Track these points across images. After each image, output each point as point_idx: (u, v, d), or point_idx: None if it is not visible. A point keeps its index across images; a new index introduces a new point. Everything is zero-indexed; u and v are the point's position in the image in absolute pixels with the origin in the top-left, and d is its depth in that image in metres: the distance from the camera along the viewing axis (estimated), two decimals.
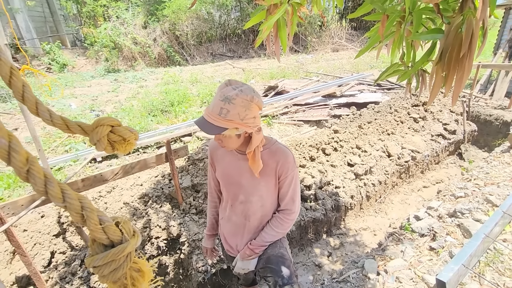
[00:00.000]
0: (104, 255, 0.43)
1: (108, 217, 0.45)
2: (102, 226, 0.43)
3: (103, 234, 0.43)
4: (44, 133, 4.86)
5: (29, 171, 0.38)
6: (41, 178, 0.38)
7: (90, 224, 0.42)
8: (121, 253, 0.44)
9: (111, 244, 0.45)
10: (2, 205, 1.81)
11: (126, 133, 0.62)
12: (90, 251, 0.45)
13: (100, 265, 0.43)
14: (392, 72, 1.39)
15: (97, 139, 0.58)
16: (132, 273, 0.48)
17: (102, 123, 0.59)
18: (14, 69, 0.42)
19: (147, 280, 0.51)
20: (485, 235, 1.82)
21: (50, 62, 9.50)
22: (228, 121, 1.04)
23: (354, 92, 6.51)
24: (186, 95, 6.53)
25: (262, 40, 1.62)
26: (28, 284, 2.12)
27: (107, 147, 0.61)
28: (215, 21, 13.01)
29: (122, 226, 0.46)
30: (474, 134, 4.91)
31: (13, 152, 0.36)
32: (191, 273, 2.34)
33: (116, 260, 0.44)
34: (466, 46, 0.94)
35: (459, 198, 2.85)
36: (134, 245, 0.46)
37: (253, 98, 1.06)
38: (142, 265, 0.50)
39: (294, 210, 1.35)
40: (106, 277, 0.44)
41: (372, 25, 1.35)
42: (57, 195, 0.39)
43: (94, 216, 0.42)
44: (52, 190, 0.39)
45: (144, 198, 2.87)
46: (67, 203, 0.40)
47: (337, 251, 2.92)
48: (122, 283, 0.47)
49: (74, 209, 0.41)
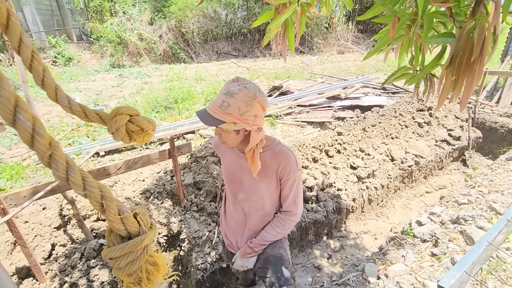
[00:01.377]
0: (121, 247, 0.43)
1: (127, 208, 0.44)
2: (121, 216, 0.42)
3: (121, 225, 0.43)
4: (48, 125, 4.88)
5: (51, 156, 0.37)
6: (63, 164, 0.37)
7: (109, 214, 0.41)
8: (139, 245, 0.43)
9: (128, 235, 0.44)
10: (5, 196, 1.82)
11: (144, 123, 0.61)
12: (107, 242, 0.44)
13: (117, 256, 0.43)
14: (400, 75, 1.38)
15: (115, 128, 0.57)
16: (147, 267, 0.47)
17: (121, 112, 0.58)
18: (36, 53, 0.41)
19: (162, 274, 0.50)
20: (489, 242, 1.80)
21: (56, 55, 9.54)
22: (227, 114, 1.05)
23: (359, 94, 6.49)
24: (190, 93, 6.54)
25: (269, 39, 1.61)
26: (28, 275, 2.13)
27: (125, 137, 0.60)
28: (221, 20, 13.02)
29: (140, 217, 0.45)
30: (479, 141, 4.87)
31: (37, 136, 0.35)
32: (190, 271, 2.34)
33: (133, 252, 0.43)
34: (477, 51, 0.93)
35: (462, 205, 2.83)
36: (151, 237, 0.45)
37: (256, 96, 1.06)
38: (158, 258, 0.49)
39: (296, 212, 1.34)
40: (122, 269, 0.44)
41: (379, 28, 1.35)
42: (78, 182, 0.38)
43: (114, 206, 0.42)
44: (74, 177, 0.38)
45: (146, 193, 2.88)
46: (87, 191, 0.39)
47: (337, 253, 2.90)
48: (137, 276, 0.46)
49: (94, 197, 0.40)
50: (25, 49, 0.39)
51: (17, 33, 0.38)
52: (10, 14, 0.37)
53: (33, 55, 0.41)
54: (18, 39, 0.38)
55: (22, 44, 0.39)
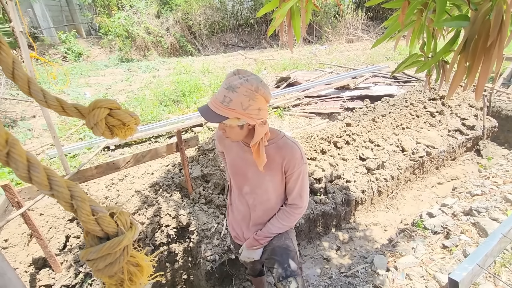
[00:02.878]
0: (98, 248, 0.40)
1: (102, 208, 0.42)
2: (95, 217, 0.40)
3: (97, 225, 0.40)
4: (59, 120, 4.98)
5: (9, 154, 0.34)
6: (23, 162, 0.34)
7: (81, 215, 0.39)
8: (117, 246, 0.41)
9: (106, 236, 0.42)
10: (19, 189, 1.87)
11: (125, 117, 0.58)
12: (85, 243, 0.43)
13: (94, 258, 0.40)
14: (411, 63, 1.33)
15: (94, 122, 0.53)
16: (129, 268, 0.45)
17: (99, 105, 0.54)
18: (3, 44, 0.38)
19: (146, 275, 0.48)
20: (503, 235, 1.75)
21: (66, 51, 9.66)
22: (229, 110, 1.02)
23: (369, 84, 6.34)
24: (198, 85, 6.54)
25: (274, 28, 1.57)
26: (44, 265, 2.21)
27: (105, 132, 0.57)
28: (227, 11, 12.86)
29: (118, 217, 0.43)
30: (494, 130, 4.71)
31: None
32: (200, 262, 2.38)
33: (112, 254, 0.41)
34: (494, 34, 0.87)
35: (475, 196, 2.76)
36: (131, 238, 0.43)
37: (258, 88, 1.02)
38: (141, 259, 0.47)
39: (301, 205, 1.33)
40: (102, 271, 0.42)
41: (390, 15, 1.29)
42: (42, 182, 0.35)
43: (86, 206, 0.39)
44: (37, 176, 0.35)
45: (155, 186, 2.92)
46: (54, 191, 0.36)
47: (346, 245, 2.89)
48: (119, 278, 0.44)
49: (62, 197, 0.37)
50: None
51: None
52: None
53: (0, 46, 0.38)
54: None
55: None
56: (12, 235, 2.35)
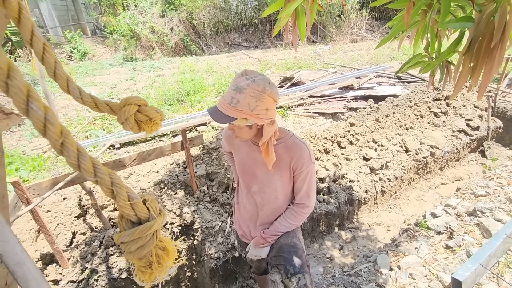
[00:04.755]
0: (131, 232, 0.44)
1: (137, 194, 0.46)
2: (130, 202, 0.44)
3: (131, 210, 0.44)
4: (66, 119, 5.04)
5: (63, 144, 0.38)
6: (74, 151, 0.39)
7: (119, 200, 0.43)
8: (148, 230, 0.45)
9: (138, 221, 0.46)
10: (28, 186, 1.91)
11: (152, 113, 0.63)
12: (119, 227, 0.46)
13: (127, 241, 0.44)
14: (415, 63, 1.33)
15: (124, 118, 0.58)
16: (157, 251, 0.49)
17: (130, 102, 0.59)
18: (47, 46, 0.42)
19: (172, 258, 0.52)
20: (506, 235, 1.75)
21: (71, 50, 9.76)
22: (237, 111, 1.03)
23: (372, 84, 6.33)
24: (202, 85, 6.57)
25: (279, 28, 1.59)
26: (51, 261, 2.25)
27: (134, 127, 0.61)
28: (232, 10, 12.88)
29: (149, 204, 0.47)
30: (499, 131, 4.68)
31: (49, 124, 0.37)
32: (204, 259, 2.40)
33: (143, 237, 0.45)
34: (498, 36, 0.88)
35: (479, 197, 2.75)
36: (160, 223, 0.47)
37: (265, 89, 1.03)
38: (167, 243, 0.51)
39: (308, 204, 1.35)
40: (133, 253, 0.46)
41: (394, 15, 1.29)
42: (89, 169, 0.40)
43: (124, 192, 0.43)
44: (85, 164, 0.40)
45: (160, 184, 2.95)
46: (98, 178, 0.41)
47: (349, 244, 2.90)
48: (148, 260, 0.48)
49: (104, 184, 0.42)
50: (36, 42, 0.41)
51: (29, 26, 0.39)
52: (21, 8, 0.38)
53: (45, 48, 0.42)
54: (30, 32, 0.39)
55: (34, 37, 0.40)
56: (20, 231, 2.39)
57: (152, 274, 0.50)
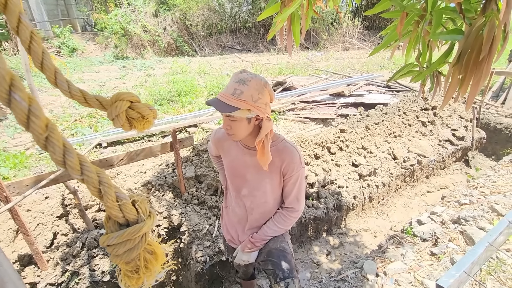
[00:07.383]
0: (119, 234, 0.42)
1: (125, 195, 0.43)
2: (119, 203, 0.42)
3: (119, 211, 0.42)
4: (51, 116, 4.90)
5: (48, 139, 0.35)
6: (60, 147, 0.36)
7: (107, 200, 0.40)
8: (137, 233, 0.43)
9: (126, 223, 0.43)
10: (8, 184, 1.83)
11: (145, 110, 0.60)
12: (105, 229, 0.44)
13: (114, 243, 0.42)
14: (407, 72, 1.36)
15: (115, 114, 0.55)
16: (145, 255, 0.47)
17: (122, 98, 0.56)
18: (35, 34, 0.39)
19: (160, 263, 0.49)
20: (489, 243, 1.79)
21: (60, 45, 9.53)
22: (241, 101, 1.05)
23: (363, 92, 6.44)
24: (193, 86, 6.52)
25: (274, 33, 1.59)
26: (29, 263, 2.16)
27: (125, 124, 0.59)
28: (226, 13, 12.91)
29: (139, 205, 0.44)
30: (483, 142, 4.84)
31: (33, 117, 0.34)
32: (190, 263, 2.36)
33: (131, 240, 0.43)
34: (486, 49, 0.91)
35: (463, 205, 2.82)
36: (150, 225, 0.45)
37: (266, 84, 1.11)
38: (156, 247, 0.49)
39: (298, 209, 1.34)
40: (120, 256, 0.43)
41: (385, 25, 1.33)
42: (75, 167, 0.37)
43: (112, 192, 0.41)
44: (71, 161, 0.37)
45: (147, 185, 2.89)
46: (85, 176, 0.38)
47: (337, 250, 2.91)
48: (135, 264, 0.46)
49: (91, 182, 0.39)
50: (23, 30, 0.37)
51: (16, 12, 0.36)
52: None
53: (32, 36, 0.39)
54: (17, 19, 0.37)
55: (21, 25, 0.37)
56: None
57: (140, 279, 0.47)
